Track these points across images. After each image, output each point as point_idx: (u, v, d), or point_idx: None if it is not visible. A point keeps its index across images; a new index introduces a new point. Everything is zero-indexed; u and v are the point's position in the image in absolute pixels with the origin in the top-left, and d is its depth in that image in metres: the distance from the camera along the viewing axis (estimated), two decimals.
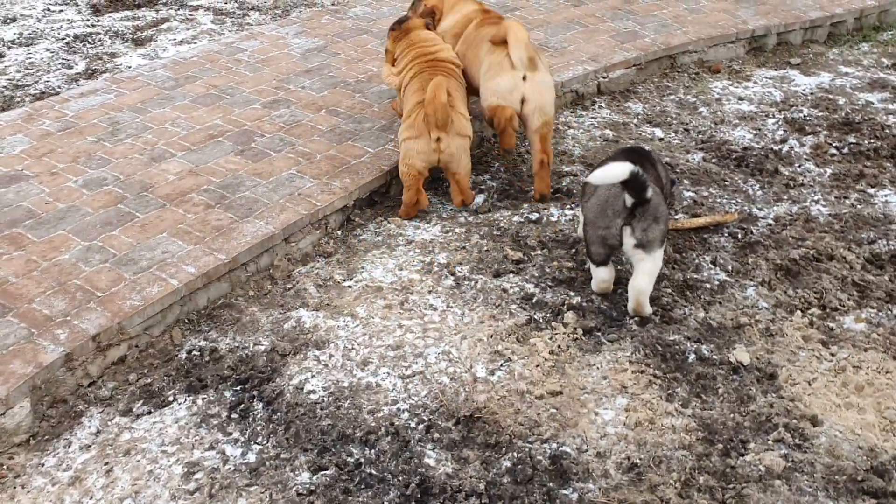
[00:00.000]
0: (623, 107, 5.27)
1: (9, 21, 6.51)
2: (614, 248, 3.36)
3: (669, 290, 3.63)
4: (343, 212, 4.11)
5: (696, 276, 3.72)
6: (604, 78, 5.36)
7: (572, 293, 3.62)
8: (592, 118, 5.12)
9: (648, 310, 3.43)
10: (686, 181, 4.45)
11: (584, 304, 3.56)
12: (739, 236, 4.01)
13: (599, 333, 3.39)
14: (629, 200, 3.23)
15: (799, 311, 3.51)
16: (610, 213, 3.30)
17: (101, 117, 4.68)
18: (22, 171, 4.16)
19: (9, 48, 6.05)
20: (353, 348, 3.33)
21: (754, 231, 4.05)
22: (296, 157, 4.31)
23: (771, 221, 4.13)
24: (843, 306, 3.55)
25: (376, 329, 3.41)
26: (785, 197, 4.34)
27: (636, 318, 3.46)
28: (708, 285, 3.67)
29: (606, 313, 3.51)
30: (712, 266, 3.80)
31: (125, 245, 3.64)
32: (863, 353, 3.28)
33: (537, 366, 3.22)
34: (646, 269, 3.33)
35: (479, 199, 4.35)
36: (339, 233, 4.07)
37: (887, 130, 4.95)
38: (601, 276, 3.50)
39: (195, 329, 3.47)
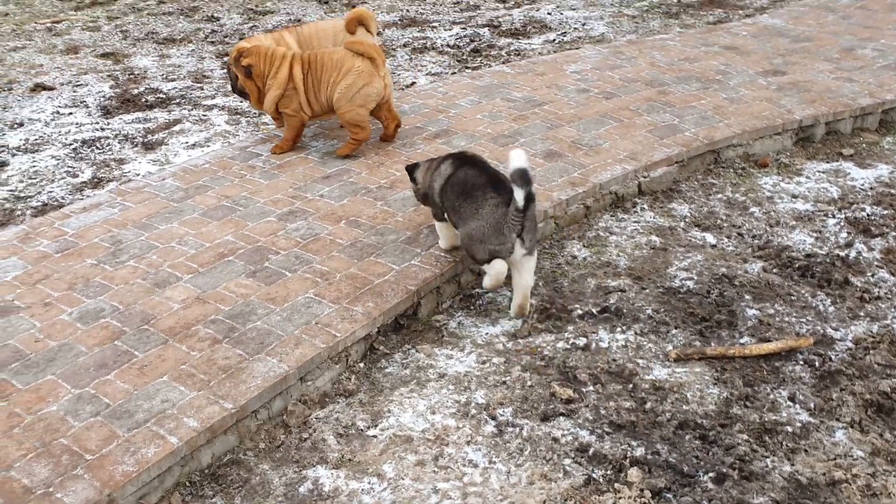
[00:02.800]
0: (667, 208, 4.85)
1: (16, 126, 6.25)
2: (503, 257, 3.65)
3: (745, 436, 3.13)
4: (366, 341, 3.67)
5: (773, 416, 3.23)
6: (644, 177, 4.96)
7: (634, 442, 3.12)
8: (635, 223, 4.70)
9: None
10: (747, 296, 3.99)
11: (650, 455, 3.06)
12: (817, 364, 3.52)
13: (670, 495, 2.89)
14: (520, 202, 3.48)
15: None
16: (506, 231, 3.58)
17: (103, 235, 4.31)
18: (13, 302, 3.77)
19: (13, 155, 5.76)
20: None
21: (833, 357, 3.56)
22: (313, 278, 3.90)
23: (850, 345, 3.64)
24: None
25: (407, 495, 2.92)
26: (861, 313, 3.86)
27: (711, 475, 2.95)
28: (789, 428, 3.17)
29: (676, 467, 3.01)
30: (791, 403, 3.30)
31: (120, 393, 3.20)
32: None
33: None
34: (531, 268, 3.74)
35: (518, 320, 3.90)
36: (362, 365, 3.62)
37: None
38: (499, 268, 3.70)
39: (198, 494, 3.00)
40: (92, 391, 3.21)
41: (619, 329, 3.79)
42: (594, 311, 3.93)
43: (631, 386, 3.43)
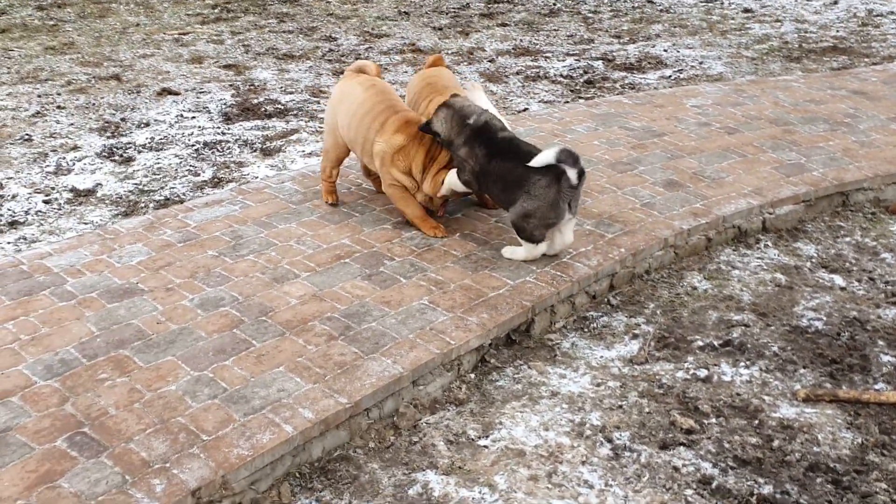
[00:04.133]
0: (792, 247, 4.65)
1: (143, 125, 6.50)
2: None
3: (884, 485, 2.91)
4: (478, 352, 3.60)
5: None
6: (769, 214, 4.77)
7: (761, 479, 2.95)
8: (759, 258, 4.52)
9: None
10: (881, 342, 3.76)
11: (779, 495, 2.88)
12: None
13: None
14: (574, 180, 3.79)
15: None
16: (562, 205, 3.84)
17: (224, 230, 4.39)
18: (137, 285, 3.86)
19: (139, 152, 5.98)
20: None
21: None
22: (427, 286, 3.87)
23: None
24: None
25: None
26: None
27: None
28: None
29: None
30: None
31: (238, 378, 3.21)
32: None
33: None
34: (572, 226, 4.04)
35: (635, 346, 3.78)
36: (473, 376, 3.55)
37: None
38: (542, 250, 4.05)
39: (306, 486, 2.97)
40: (210, 374, 3.23)
41: (742, 364, 3.62)
42: (715, 343, 3.77)
43: (756, 422, 3.25)
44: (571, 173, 3.77)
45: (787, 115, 6.09)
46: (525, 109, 6.88)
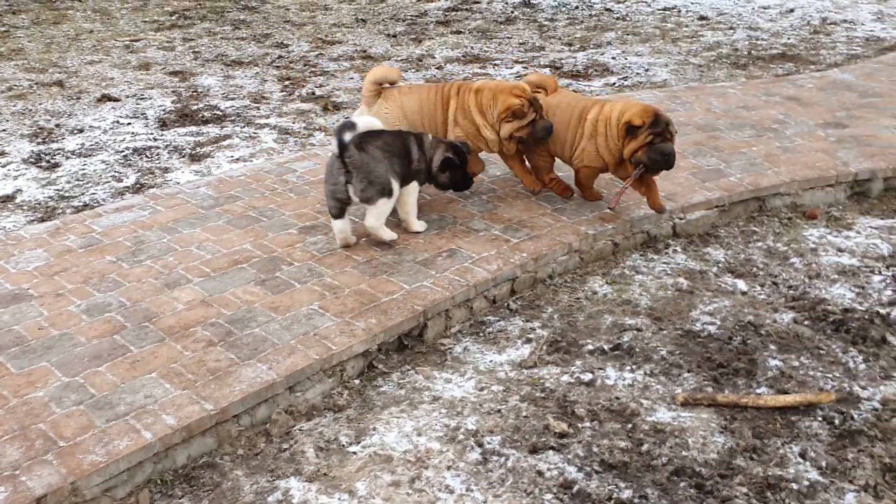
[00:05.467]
0: (701, 252, 4.65)
1: (76, 132, 6.48)
2: (343, 201, 4.12)
3: (745, 490, 2.91)
4: (364, 357, 3.59)
5: (779, 472, 2.99)
6: (680, 219, 4.78)
7: (623, 484, 2.94)
8: (665, 264, 4.52)
9: (383, 235, 4.23)
10: (772, 346, 3.76)
11: (637, 499, 2.87)
12: (837, 422, 3.27)
13: None
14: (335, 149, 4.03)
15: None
16: (335, 174, 4.07)
17: (128, 235, 4.37)
18: (27, 291, 3.84)
19: (66, 158, 5.96)
20: None
21: (856, 416, 3.30)
22: (321, 291, 3.86)
23: (877, 405, 3.38)
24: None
25: None
26: (894, 374, 3.58)
27: None
28: (795, 486, 2.93)
29: None
30: (801, 460, 3.06)
31: (107, 385, 3.19)
32: None
33: None
34: (368, 211, 4.17)
35: (526, 350, 3.77)
36: (357, 382, 3.54)
37: None
38: (337, 227, 4.20)
39: (167, 493, 2.94)
40: (80, 380, 3.21)
41: (628, 368, 3.61)
42: (605, 347, 3.77)
43: (630, 426, 3.24)
44: (333, 143, 4.03)
45: (716, 122, 6.11)
46: None
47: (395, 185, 4.16)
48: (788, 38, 9.46)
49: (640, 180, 4.49)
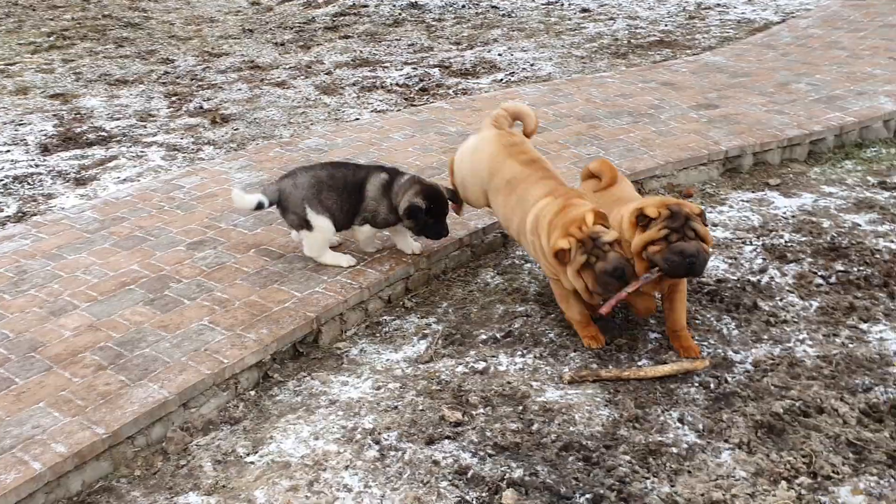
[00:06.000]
0: None
1: None
2: None
3: (629, 458, 3.06)
4: (259, 368, 3.61)
5: (660, 438, 3.17)
6: None
7: (514, 464, 3.06)
8: None
9: (327, 262, 4.18)
10: (652, 320, 3.95)
11: (528, 477, 2.99)
12: (712, 386, 3.47)
13: None
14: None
15: (784, 482, 2.93)
16: None
17: (9, 266, 4.26)
18: None
19: None
20: None
21: (730, 379, 3.51)
22: (211, 305, 3.85)
23: (749, 367, 3.60)
24: (838, 473, 2.97)
25: None
26: (765, 336, 3.82)
27: (588, 496, 2.89)
28: (675, 450, 3.11)
29: (553, 489, 2.94)
30: (680, 425, 3.24)
31: None
32: None
33: None
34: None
35: (423, 346, 3.86)
36: (252, 393, 3.56)
37: (877, 255, 4.49)
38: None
39: None
40: None
41: (518, 353, 3.74)
42: (498, 335, 3.89)
43: (521, 408, 3.37)
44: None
45: (596, 111, 6.34)
46: (356, 119, 6.93)
47: (319, 219, 4.05)
48: (666, 25, 9.86)
49: (668, 295, 3.70)
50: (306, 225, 4.09)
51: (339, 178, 4.11)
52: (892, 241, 4.64)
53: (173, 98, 7.80)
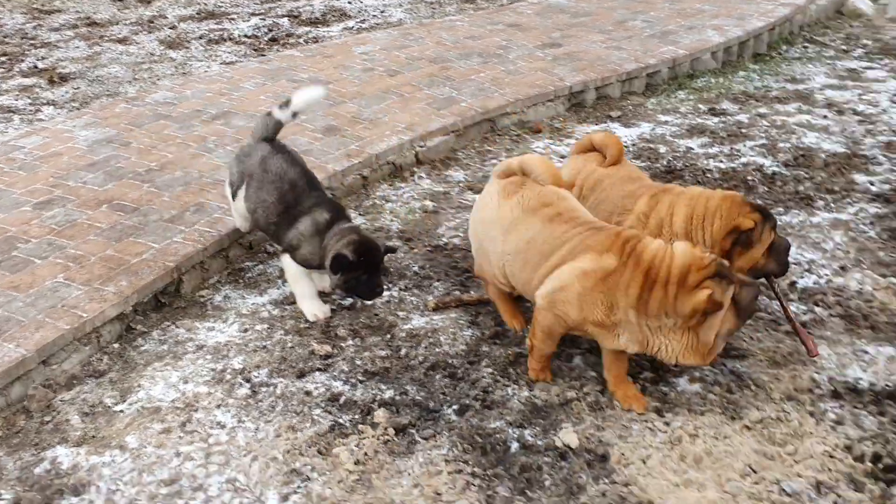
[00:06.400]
0: (444, 175, 4.98)
1: None
2: None
3: (490, 370, 3.26)
4: (120, 321, 3.55)
5: (518, 350, 3.37)
6: (421, 147, 5.07)
7: (384, 386, 3.19)
8: (412, 190, 4.80)
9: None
10: None
11: (398, 396, 3.13)
12: None
13: (413, 430, 2.96)
14: None
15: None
16: None
17: None
18: None
19: None
20: (118, 489, 2.75)
21: None
22: (64, 263, 3.74)
23: None
24: (678, 366, 3.26)
25: (148, 461, 2.85)
26: None
27: (454, 407, 3.06)
28: None
29: (422, 404, 3.09)
30: None
31: None
32: (699, 417, 2.99)
33: (339, 482, 2.74)
34: None
35: (287, 289, 3.89)
36: (116, 346, 3.50)
37: (709, 174, 4.87)
38: None
39: None
40: None
41: (385, 287, 3.85)
42: None
43: (389, 336, 3.50)
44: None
45: (447, 53, 6.46)
46: (205, 72, 6.74)
47: (237, 194, 3.78)
48: None
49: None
50: (231, 192, 3.89)
51: (289, 185, 3.64)
52: (721, 161, 5.04)
53: (2, 58, 7.32)
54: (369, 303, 3.69)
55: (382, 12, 8.44)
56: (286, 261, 3.64)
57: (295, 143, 4.94)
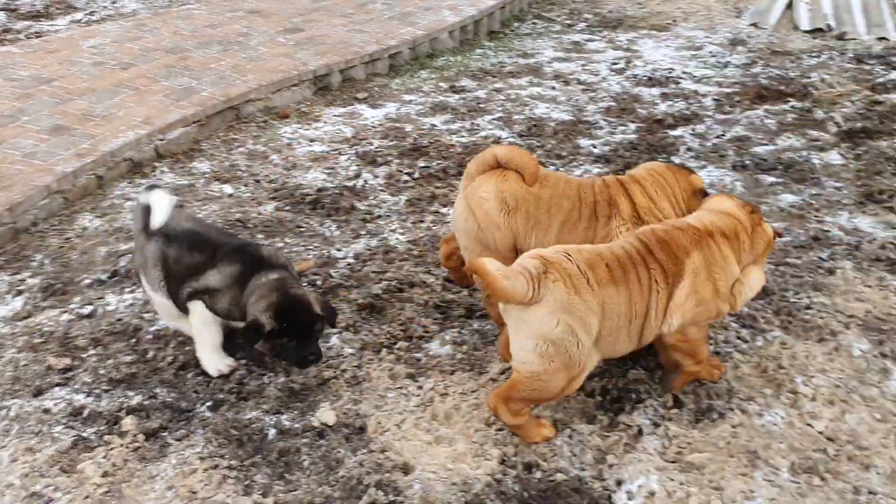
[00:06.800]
0: (188, 167, 4.82)
1: None
2: None
3: (244, 362, 3.22)
4: None
5: None
6: (161, 140, 4.86)
7: (132, 392, 3.05)
8: None
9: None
10: (260, 235, 4.11)
11: (147, 401, 3.01)
12: (320, 283, 3.74)
13: (165, 433, 2.87)
14: None
15: (385, 349, 3.30)
16: None
17: None
18: None
19: None
20: None
21: (334, 274, 3.81)
22: None
23: (351, 260, 3.93)
24: (428, 332, 3.41)
25: None
26: (363, 232, 4.19)
27: (208, 404, 3.00)
28: None
29: (174, 405, 3.00)
30: None
31: None
32: (449, 376, 3.14)
33: (86, 497, 2.60)
34: None
35: (19, 303, 3.60)
36: None
37: (452, 150, 5.08)
38: None
39: None
40: None
41: (127, 290, 3.67)
42: (103, 277, 3.77)
43: (135, 341, 3.35)
44: None
45: (185, 43, 6.22)
46: None
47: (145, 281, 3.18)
48: None
49: None
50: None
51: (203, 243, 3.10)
52: (463, 136, 5.29)
53: None
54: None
55: (114, 3, 7.96)
56: (196, 308, 3.07)
57: (18, 145, 4.58)
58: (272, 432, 2.86)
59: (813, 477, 2.67)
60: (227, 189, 4.58)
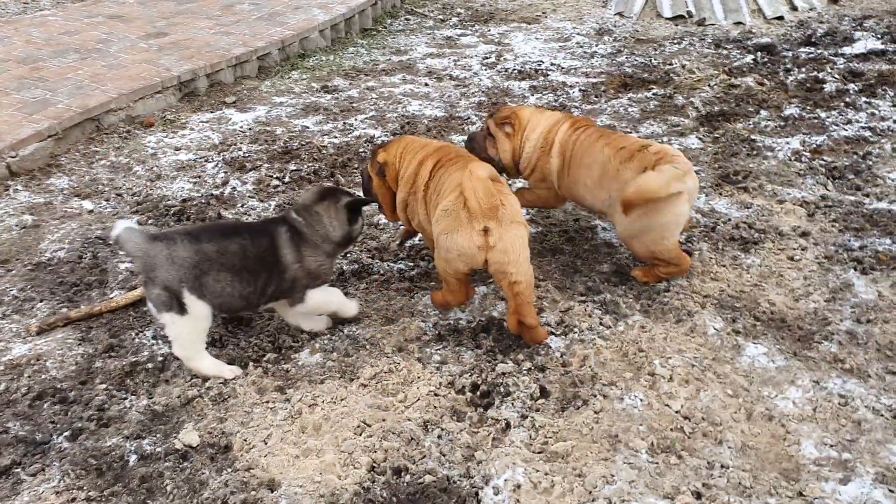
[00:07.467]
0: (45, 185, 4.60)
1: None
2: None
3: (105, 386, 3.11)
4: None
5: (135, 359, 3.26)
6: (13, 157, 4.63)
7: None
8: (6, 205, 4.37)
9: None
10: (122, 253, 3.96)
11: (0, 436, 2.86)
12: None
13: (19, 469, 2.73)
14: None
15: (252, 363, 3.24)
16: None
17: None
18: None
19: None
20: None
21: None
22: None
23: None
24: (298, 342, 3.37)
25: None
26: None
27: (66, 433, 2.88)
28: (150, 365, 3.23)
29: (28, 439, 2.86)
30: (154, 341, 3.36)
31: None
32: (318, 386, 3.12)
33: None
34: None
35: None
36: None
37: (324, 151, 5.04)
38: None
39: None
40: None
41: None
42: None
43: None
44: None
45: (39, 52, 5.94)
46: None
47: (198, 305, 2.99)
48: None
49: None
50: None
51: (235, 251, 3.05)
52: (336, 137, 5.24)
53: None
54: None
55: None
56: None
57: None
58: (133, 458, 2.77)
59: (670, 456, 2.78)
60: (87, 205, 4.40)
